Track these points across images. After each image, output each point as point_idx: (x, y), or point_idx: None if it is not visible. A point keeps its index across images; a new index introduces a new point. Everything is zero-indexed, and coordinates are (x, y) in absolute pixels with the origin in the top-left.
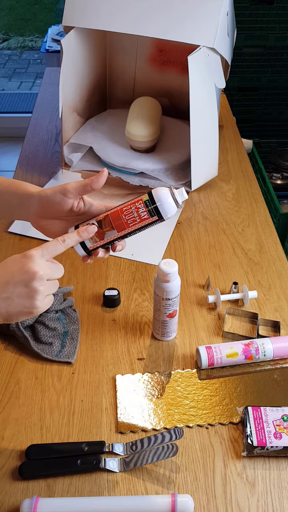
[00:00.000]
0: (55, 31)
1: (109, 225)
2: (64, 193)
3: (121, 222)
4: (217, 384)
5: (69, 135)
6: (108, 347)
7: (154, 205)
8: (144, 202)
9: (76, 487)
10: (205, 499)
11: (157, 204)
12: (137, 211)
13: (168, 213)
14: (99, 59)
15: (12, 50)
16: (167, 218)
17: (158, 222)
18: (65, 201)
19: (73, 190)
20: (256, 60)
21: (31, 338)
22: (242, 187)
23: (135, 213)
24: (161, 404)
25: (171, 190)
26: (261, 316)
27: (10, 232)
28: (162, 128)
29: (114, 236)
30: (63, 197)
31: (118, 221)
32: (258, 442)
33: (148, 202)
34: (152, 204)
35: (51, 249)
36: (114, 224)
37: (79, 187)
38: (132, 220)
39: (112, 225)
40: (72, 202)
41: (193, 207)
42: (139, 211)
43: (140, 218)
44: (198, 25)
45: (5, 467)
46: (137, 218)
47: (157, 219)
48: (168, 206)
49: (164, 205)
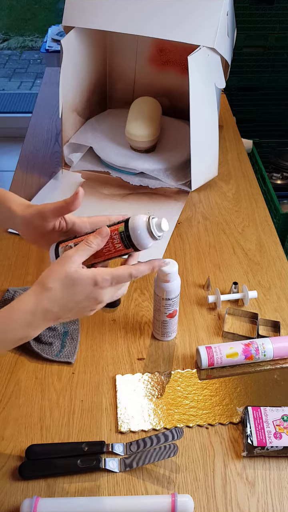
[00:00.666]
0: (55, 31)
1: None
2: (42, 217)
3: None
4: (217, 384)
5: (69, 135)
6: (108, 347)
7: (129, 237)
8: (120, 234)
9: (76, 487)
10: (205, 499)
11: (131, 237)
12: (112, 242)
13: (143, 246)
14: (99, 59)
15: (12, 50)
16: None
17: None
18: (44, 225)
19: (50, 214)
20: (256, 60)
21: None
22: (242, 187)
23: (110, 244)
24: (161, 404)
25: (149, 221)
26: (261, 316)
27: (10, 232)
28: (162, 128)
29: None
30: (41, 221)
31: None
32: (258, 442)
33: (123, 234)
34: (127, 237)
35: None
36: None
37: (56, 210)
38: (107, 250)
39: None
40: (52, 224)
41: (193, 207)
42: (114, 242)
43: (115, 249)
44: (198, 25)
45: (5, 467)
46: (112, 248)
47: (132, 250)
48: (143, 239)
49: (138, 239)
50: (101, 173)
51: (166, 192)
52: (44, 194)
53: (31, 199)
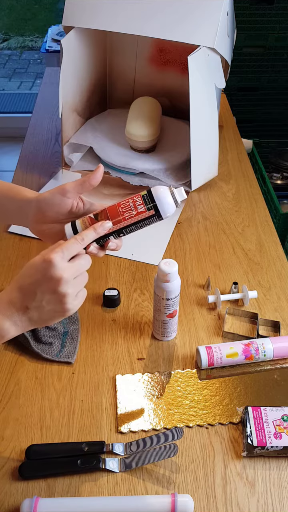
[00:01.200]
0: (55, 31)
1: (105, 217)
2: (63, 193)
3: (117, 214)
4: (217, 384)
5: (69, 135)
6: (108, 347)
7: (152, 199)
8: (142, 197)
9: (76, 487)
10: (205, 499)
11: (154, 198)
12: (134, 204)
13: (167, 211)
14: (99, 59)
15: (12, 50)
16: (166, 217)
17: (155, 219)
18: (65, 202)
19: (72, 189)
20: (256, 60)
21: (31, 338)
22: (242, 187)
23: (133, 206)
24: (161, 404)
25: (171, 189)
26: (261, 316)
27: (10, 232)
28: (162, 128)
29: (110, 230)
30: (62, 198)
31: (115, 213)
32: (258, 442)
33: (146, 197)
34: (150, 200)
35: (70, 249)
36: (111, 216)
37: (77, 186)
38: (129, 213)
39: (108, 218)
40: (72, 202)
41: (193, 207)
42: (136, 204)
43: (137, 211)
44: (198, 25)
45: (5, 467)
46: (134, 212)
47: (154, 214)
48: (167, 204)
49: (162, 203)
50: None
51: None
52: None
53: None
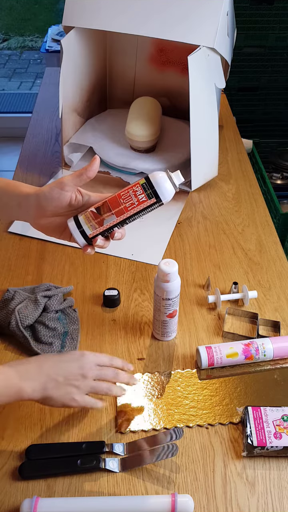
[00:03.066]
0: (55, 31)
1: (108, 210)
2: (61, 187)
3: (119, 206)
4: (217, 384)
5: (69, 135)
6: (108, 347)
7: (152, 187)
8: (142, 185)
9: (76, 487)
10: (205, 499)
11: (154, 186)
12: (135, 194)
13: (166, 194)
14: (99, 59)
15: (12, 50)
16: (166, 201)
17: (156, 205)
18: (63, 195)
19: (70, 182)
20: (256, 60)
21: (31, 338)
22: (242, 187)
23: (133, 196)
24: (161, 404)
25: (168, 173)
26: (261, 316)
27: (10, 232)
28: (162, 128)
29: (114, 222)
30: (60, 191)
31: (117, 205)
32: (258, 442)
33: (146, 185)
34: (149, 187)
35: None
36: (113, 209)
37: (75, 178)
38: (131, 203)
39: (111, 210)
40: (70, 195)
41: (193, 207)
42: (136, 193)
43: (138, 201)
44: (198, 25)
45: (5, 467)
46: (136, 201)
47: (155, 201)
48: (166, 188)
49: (161, 187)
50: (101, 173)
51: None
52: None
53: None
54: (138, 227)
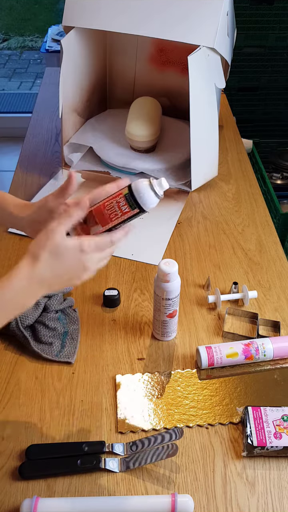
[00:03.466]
0: (55, 31)
1: (93, 220)
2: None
3: (104, 217)
4: (217, 384)
5: (69, 135)
6: (108, 347)
7: (134, 198)
8: (125, 196)
9: (76, 487)
10: (205, 499)
11: (136, 197)
12: (118, 205)
13: (149, 204)
14: (99, 59)
15: (12, 50)
16: (149, 210)
17: (140, 214)
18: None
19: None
20: (256, 60)
21: (31, 338)
22: (242, 187)
23: (117, 207)
24: (161, 404)
25: (150, 182)
26: (261, 316)
27: (10, 232)
28: (162, 128)
29: (100, 231)
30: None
31: (101, 216)
32: (258, 442)
33: (128, 196)
34: (132, 198)
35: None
36: (98, 219)
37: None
38: (115, 214)
39: (96, 221)
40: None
41: (193, 207)
42: (120, 205)
43: (122, 212)
44: (198, 25)
45: (5, 467)
46: (119, 212)
47: (138, 211)
48: (148, 198)
49: (143, 197)
50: (101, 173)
51: (166, 192)
52: (44, 194)
53: (31, 199)
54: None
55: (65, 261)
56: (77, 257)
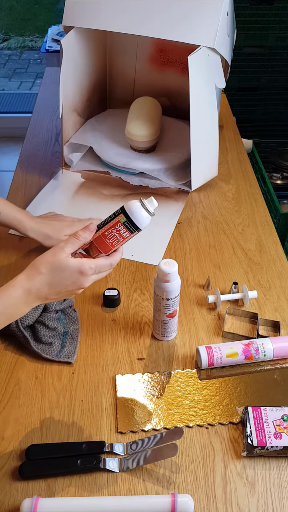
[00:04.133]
0: (55, 31)
1: (97, 250)
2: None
3: (107, 246)
4: (217, 384)
5: (69, 135)
6: (108, 347)
7: (133, 223)
8: (123, 224)
9: (76, 487)
10: (205, 499)
11: (135, 222)
12: (118, 233)
13: (145, 224)
14: (99, 59)
15: (12, 50)
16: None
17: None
18: None
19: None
20: (256, 60)
21: (31, 338)
22: (242, 187)
23: (118, 235)
24: (161, 404)
25: (141, 202)
26: (261, 316)
27: (10, 234)
28: (162, 128)
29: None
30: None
31: (104, 245)
32: (258, 442)
33: (127, 223)
34: (130, 223)
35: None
36: (101, 248)
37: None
38: (116, 241)
39: (99, 250)
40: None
41: (193, 207)
42: (120, 232)
43: (123, 238)
44: (198, 25)
45: (5, 467)
46: (120, 238)
47: (137, 233)
48: (143, 219)
49: (140, 220)
50: (101, 173)
51: (166, 192)
52: (44, 194)
53: (31, 199)
54: None
55: (63, 279)
56: (75, 277)
